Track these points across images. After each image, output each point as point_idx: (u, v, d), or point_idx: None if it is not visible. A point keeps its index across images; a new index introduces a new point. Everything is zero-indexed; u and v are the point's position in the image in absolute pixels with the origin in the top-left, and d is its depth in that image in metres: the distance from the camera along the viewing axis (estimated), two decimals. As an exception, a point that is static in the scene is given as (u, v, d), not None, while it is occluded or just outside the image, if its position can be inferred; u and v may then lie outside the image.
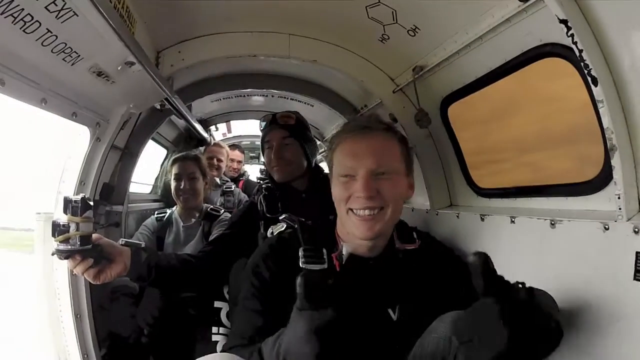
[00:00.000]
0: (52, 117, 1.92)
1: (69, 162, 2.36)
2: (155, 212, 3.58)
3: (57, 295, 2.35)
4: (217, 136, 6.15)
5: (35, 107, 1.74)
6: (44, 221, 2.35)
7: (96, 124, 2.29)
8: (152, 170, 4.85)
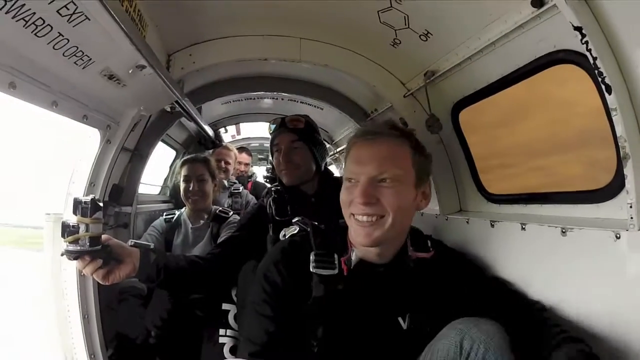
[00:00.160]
0: (62, 118, 1.93)
1: (79, 164, 2.36)
2: (163, 213, 3.59)
3: (65, 295, 2.36)
4: (226, 138, 6.16)
5: (46, 110, 1.75)
6: (53, 222, 2.37)
7: (107, 126, 2.30)
8: (161, 171, 4.88)
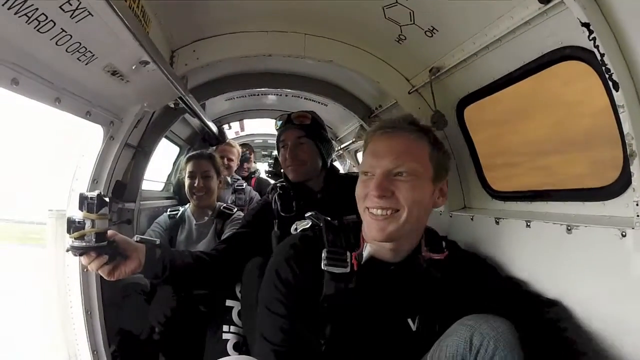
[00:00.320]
0: (65, 114, 1.92)
1: (82, 160, 2.36)
2: (167, 209, 3.59)
3: (68, 291, 2.37)
4: (230, 135, 6.14)
5: (49, 106, 1.74)
6: (56, 218, 2.36)
7: (110, 122, 2.30)
8: (165, 168, 4.89)
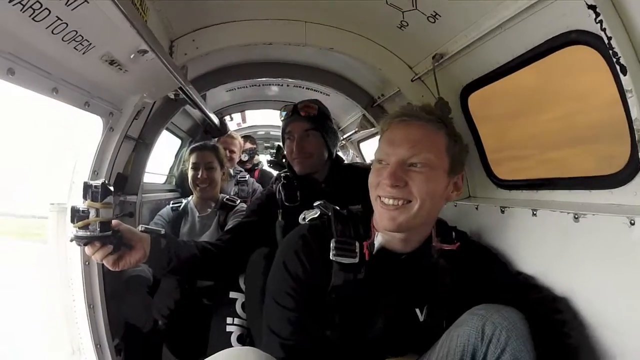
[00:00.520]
0: (64, 105, 1.90)
1: (82, 152, 2.34)
2: (170, 202, 3.58)
3: (70, 285, 2.35)
4: (231, 126, 6.12)
5: (46, 96, 1.71)
6: (57, 212, 2.35)
7: (109, 113, 2.27)
8: (167, 160, 4.87)
